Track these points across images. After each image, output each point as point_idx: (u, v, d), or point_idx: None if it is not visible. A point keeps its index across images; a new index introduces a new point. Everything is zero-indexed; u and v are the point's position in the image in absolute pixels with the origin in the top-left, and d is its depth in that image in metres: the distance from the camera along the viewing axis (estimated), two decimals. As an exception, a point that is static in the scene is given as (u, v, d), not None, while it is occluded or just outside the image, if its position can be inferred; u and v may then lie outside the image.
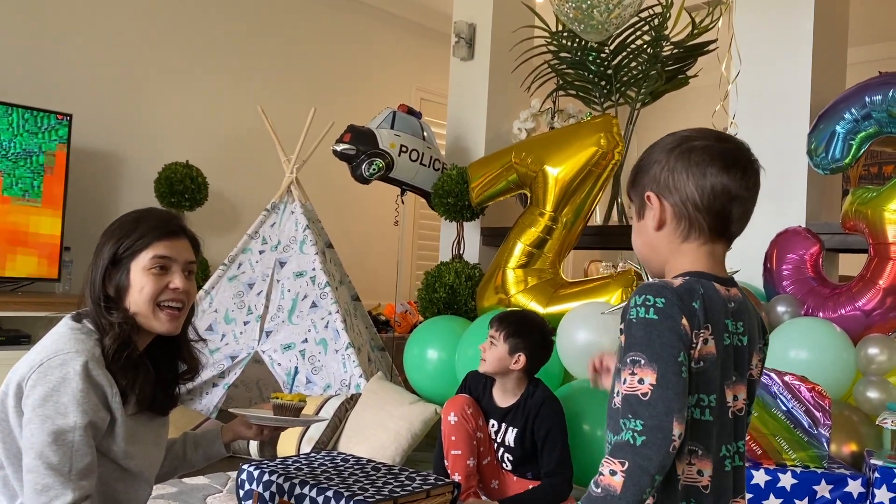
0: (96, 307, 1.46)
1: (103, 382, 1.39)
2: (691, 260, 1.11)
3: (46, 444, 1.31)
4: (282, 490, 1.92)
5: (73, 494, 1.31)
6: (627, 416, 0.99)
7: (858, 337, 2.36)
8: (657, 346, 1.00)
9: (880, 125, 2.55)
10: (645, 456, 0.96)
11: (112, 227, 1.53)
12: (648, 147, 1.17)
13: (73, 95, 4.04)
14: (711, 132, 1.14)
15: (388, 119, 3.79)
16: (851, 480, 1.79)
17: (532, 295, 3.29)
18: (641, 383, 0.99)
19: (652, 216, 1.13)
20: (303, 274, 3.56)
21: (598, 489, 0.99)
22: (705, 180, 1.08)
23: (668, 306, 1.02)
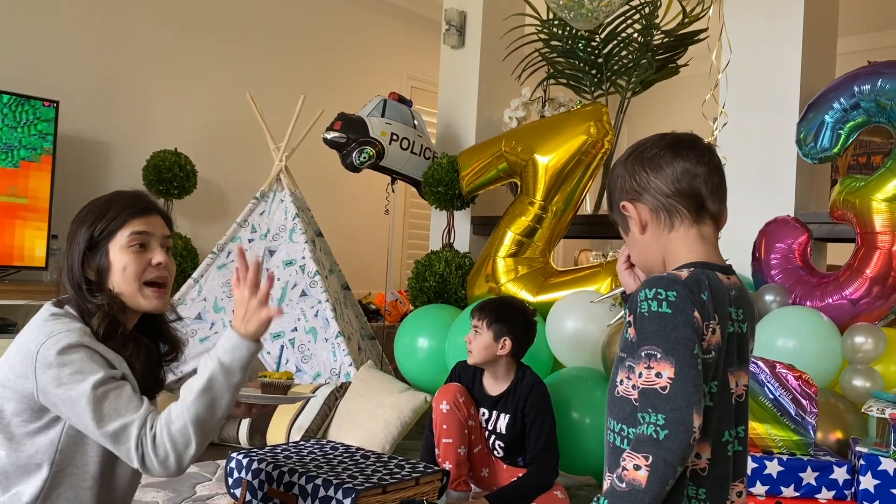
0: (77, 293, 1.44)
1: (107, 352, 1.39)
2: (685, 247, 1.14)
3: (86, 412, 1.31)
4: (270, 478, 1.92)
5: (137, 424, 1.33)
6: (647, 411, 1.01)
7: (845, 326, 2.37)
8: (672, 339, 1.02)
9: (869, 115, 2.56)
10: (669, 449, 0.99)
11: (82, 212, 1.51)
12: (611, 170, 1.24)
13: (60, 82, 4.00)
14: (655, 135, 1.20)
15: (378, 107, 3.77)
16: (837, 467, 1.81)
17: (522, 283, 3.30)
18: (659, 377, 1.01)
19: (634, 223, 1.17)
20: (292, 262, 3.55)
21: (623, 484, 1.00)
22: (664, 170, 1.14)
23: (681, 300, 1.04)
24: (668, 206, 1.14)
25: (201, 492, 2.47)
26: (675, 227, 1.14)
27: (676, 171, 1.13)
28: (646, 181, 1.14)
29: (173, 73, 4.50)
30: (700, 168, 1.14)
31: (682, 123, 3.98)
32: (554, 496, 2.21)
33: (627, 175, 1.17)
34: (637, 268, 1.25)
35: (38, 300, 3.55)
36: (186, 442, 1.34)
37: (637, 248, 1.20)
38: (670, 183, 1.13)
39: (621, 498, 1.00)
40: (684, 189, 1.13)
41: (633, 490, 0.99)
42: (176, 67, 4.51)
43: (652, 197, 1.14)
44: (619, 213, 1.19)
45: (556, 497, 2.21)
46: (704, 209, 1.14)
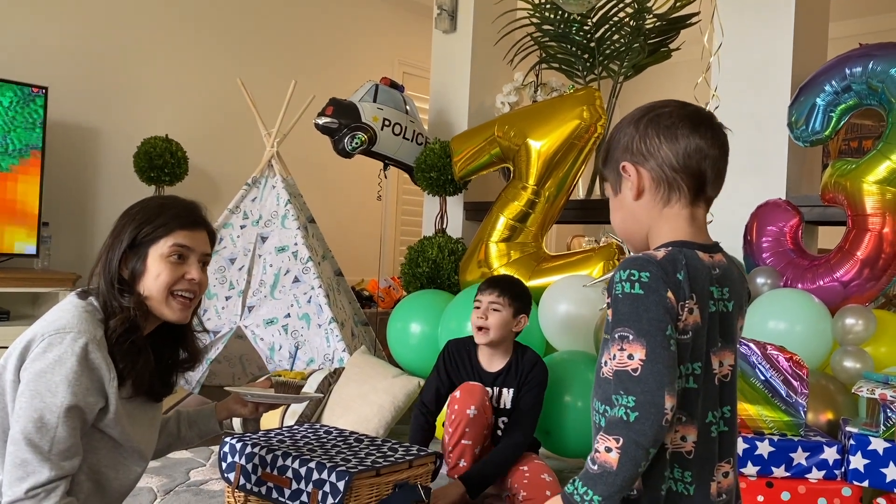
0: (109, 288, 1.45)
1: (101, 366, 1.38)
2: (673, 227, 1.11)
3: (31, 420, 1.31)
4: (264, 462, 1.93)
5: (49, 473, 1.30)
6: (619, 393, 1.01)
7: (836, 308, 2.39)
8: (644, 321, 1.01)
9: (860, 97, 2.56)
10: (639, 431, 0.98)
11: (134, 209, 1.52)
12: (614, 128, 1.17)
13: (49, 68, 3.97)
14: (674, 101, 1.15)
15: (370, 92, 3.76)
16: (827, 448, 1.82)
17: (515, 268, 3.30)
18: (631, 359, 1.00)
19: (630, 186, 1.12)
20: (285, 249, 3.54)
21: (595, 466, 1.01)
22: (678, 142, 1.09)
23: (653, 280, 1.02)
24: (670, 180, 1.10)
25: (195, 477, 2.47)
26: (671, 203, 1.11)
27: (690, 146, 1.09)
28: (656, 148, 1.10)
29: (164, 59, 4.46)
30: (713, 150, 1.11)
31: (675, 107, 3.97)
32: (542, 479, 2.22)
33: (638, 136, 1.11)
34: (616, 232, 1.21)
35: (29, 288, 3.55)
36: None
37: (623, 213, 1.16)
38: (681, 157, 1.09)
39: (593, 480, 1.00)
40: (693, 167, 1.10)
41: (604, 472, 0.99)
42: (166, 53, 4.47)
43: (658, 166, 1.10)
44: (616, 171, 1.14)
45: (544, 480, 2.22)
46: (703, 192, 1.12)
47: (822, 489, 1.81)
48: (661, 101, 1.14)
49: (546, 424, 2.51)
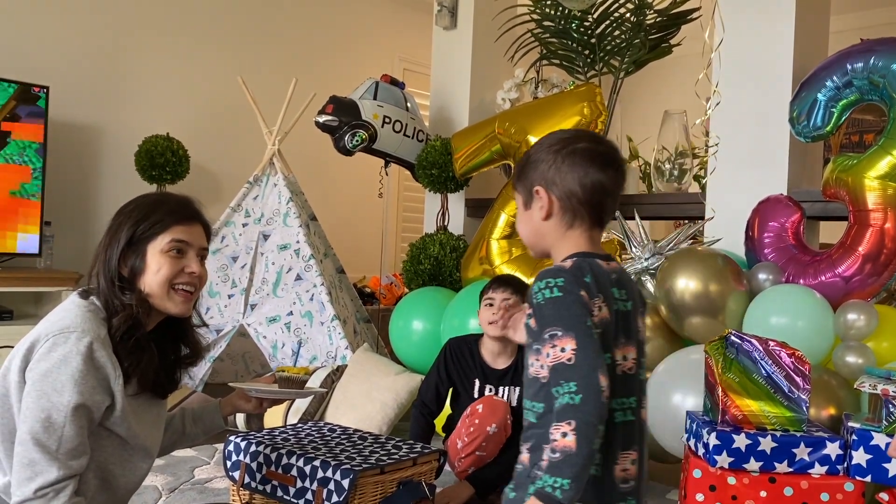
0: (110, 287, 1.45)
1: (106, 364, 1.38)
2: (575, 244, 1.26)
3: (38, 420, 1.31)
4: (269, 460, 1.94)
5: (58, 473, 1.31)
6: (560, 383, 1.11)
7: (838, 303, 2.39)
8: (567, 317, 1.14)
9: (861, 93, 2.56)
10: (586, 411, 1.08)
11: (128, 207, 1.52)
12: (534, 145, 1.30)
13: (50, 67, 3.97)
14: (590, 135, 1.30)
15: (370, 90, 3.76)
16: (830, 443, 1.83)
17: (516, 265, 3.31)
18: (563, 352, 1.12)
19: (539, 207, 1.26)
20: (287, 247, 3.55)
21: (557, 454, 1.08)
22: (587, 178, 1.23)
23: (568, 283, 1.16)
24: (575, 209, 1.24)
25: (200, 475, 2.48)
26: (574, 227, 1.25)
27: (596, 184, 1.23)
28: (567, 181, 1.23)
29: (165, 58, 4.46)
30: (615, 188, 1.26)
31: (676, 103, 4.00)
32: None
33: (554, 166, 1.24)
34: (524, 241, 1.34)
35: (32, 287, 3.56)
36: None
37: (530, 227, 1.29)
38: (587, 191, 1.23)
39: (559, 467, 1.07)
40: (595, 201, 1.24)
41: (566, 456, 1.07)
42: (167, 51, 4.47)
43: (566, 196, 1.24)
44: (529, 191, 1.28)
45: None
46: (602, 220, 1.27)
47: (824, 484, 1.82)
48: (578, 134, 1.29)
49: (549, 421, 2.52)
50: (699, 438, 1.91)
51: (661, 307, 2.56)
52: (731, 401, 1.87)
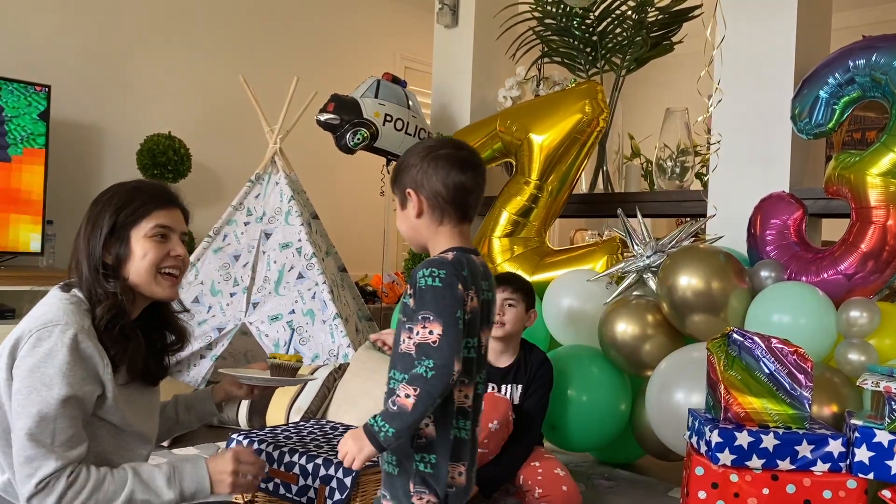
0: (94, 276, 1.45)
1: (93, 354, 1.38)
2: (448, 238, 1.45)
3: (30, 416, 1.32)
4: (271, 458, 1.94)
5: (56, 464, 1.32)
6: (421, 358, 1.32)
7: (840, 300, 2.38)
8: (441, 306, 1.33)
9: (864, 89, 2.55)
10: (433, 385, 1.30)
11: (105, 196, 1.52)
12: (405, 154, 1.49)
13: (51, 66, 3.97)
14: (452, 142, 1.50)
15: (372, 88, 3.75)
16: (832, 440, 1.82)
17: (518, 263, 3.31)
18: (431, 334, 1.32)
19: (412, 206, 1.45)
20: (289, 245, 3.55)
21: (395, 407, 1.31)
22: (449, 179, 1.42)
23: (448, 276, 1.35)
24: (442, 208, 1.44)
25: (202, 473, 2.48)
26: (444, 223, 1.45)
27: (458, 184, 1.42)
28: (433, 183, 1.42)
29: (166, 56, 4.46)
30: (476, 187, 1.46)
31: (678, 100, 3.99)
32: (556, 475, 2.23)
33: (421, 170, 1.43)
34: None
35: (34, 286, 3.56)
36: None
37: (407, 224, 1.48)
38: (450, 192, 1.42)
39: (392, 417, 1.31)
40: (459, 200, 1.44)
41: (401, 412, 1.30)
42: (169, 50, 4.48)
43: (433, 196, 1.43)
44: (402, 193, 1.47)
45: (558, 475, 2.23)
46: (467, 216, 1.47)
47: (827, 482, 1.81)
48: (442, 142, 1.49)
49: (551, 419, 2.52)
50: (701, 436, 1.91)
51: (662, 305, 2.56)
52: (734, 398, 1.87)
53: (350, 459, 1.34)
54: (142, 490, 1.39)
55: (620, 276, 2.80)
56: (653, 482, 2.66)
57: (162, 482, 1.42)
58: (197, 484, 1.46)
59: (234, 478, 1.49)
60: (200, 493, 1.46)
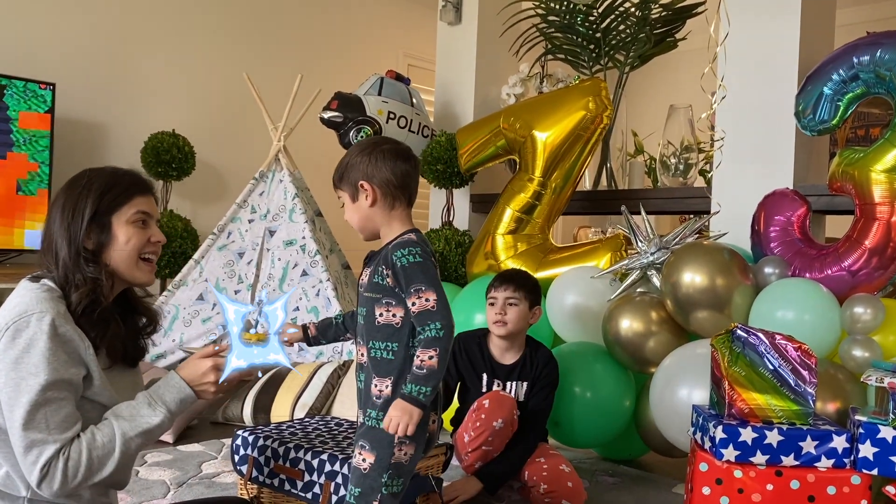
0: (74, 260, 1.44)
1: (73, 337, 1.38)
2: (402, 222, 1.65)
3: (22, 406, 1.32)
4: (277, 455, 1.95)
5: (55, 446, 1.33)
6: (427, 323, 1.51)
7: (844, 297, 2.38)
8: (429, 276, 1.54)
9: (868, 86, 2.55)
10: (447, 342, 1.51)
11: (82, 181, 1.51)
12: (346, 154, 1.67)
13: (56, 64, 3.98)
14: (387, 139, 1.70)
15: (375, 85, 3.76)
16: (836, 436, 1.83)
17: (522, 260, 3.31)
18: (428, 301, 1.52)
19: (365, 196, 1.63)
20: (293, 242, 3.55)
21: (424, 370, 1.49)
22: (397, 168, 1.63)
23: (424, 252, 1.57)
24: (393, 194, 1.63)
25: (207, 470, 2.49)
26: (395, 208, 1.64)
27: (404, 172, 1.63)
28: (383, 172, 1.61)
29: (170, 54, 4.47)
30: (415, 174, 1.67)
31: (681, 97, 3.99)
32: (561, 471, 2.23)
33: (370, 163, 1.62)
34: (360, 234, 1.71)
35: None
36: (101, 469, 1.37)
37: (359, 215, 1.65)
38: (400, 179, 1.62)
39: (425, 378, 1.49)
40: (404, 185, 1.64)
41: (430, 372, 1.49)
42: (173, 48, 4.48)
43: (385, 184, 1.62)
44: (354, 186, 1.63)
45: (563, 472, 2.23)
46: (411, 200, 1.67)
47: (831, 478, 1.82)
48: (378, 139, 1.68)
49: (555, 415, 2.52)
50: (705, 432, 1.92)
51: (667, 301, 2.56)
52: (738, 394, 1.87)
53: (404, 426, 1.47)
54: (130, 426, 1.40)
55: (624, 272, 2.80)
56: (657, 478, 2.66)
57: (145, 409, 1.42)
58: (178, 393, 1.46)
59: (215, 374, 1.48)
60: (187, 400, 1.46)
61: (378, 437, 1.56)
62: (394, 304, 1.58)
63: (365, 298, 1.63)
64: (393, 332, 1.58)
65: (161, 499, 2.21)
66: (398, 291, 1.57)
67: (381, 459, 1.56)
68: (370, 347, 1.61)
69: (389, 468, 1.56)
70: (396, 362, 1.57)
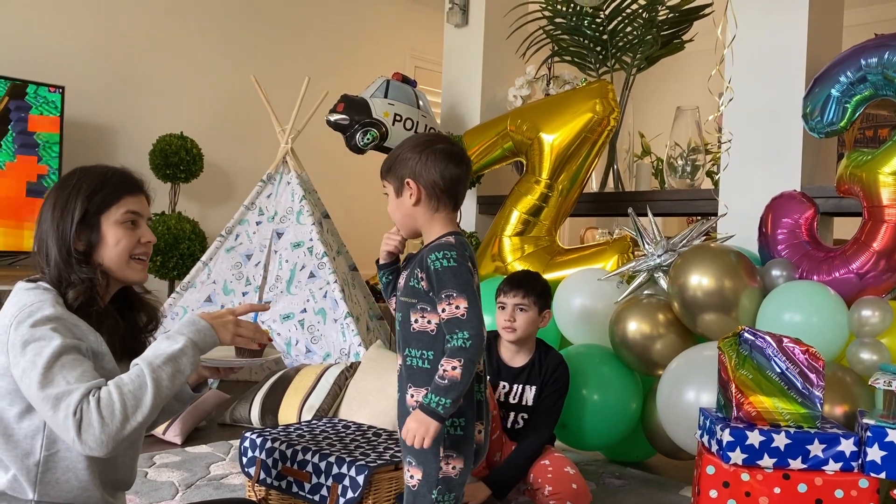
0: (65, 261, 1.44)
1: (77, 323, 1.39)
2: (444, 224, 1.57)
3: (38, 371, 1.30)
4: (284, 457, 1.95)
5: (80, 391, 1.29)
6: (455, 332, 1.44)
7: (852, 299, 2.38)
8: (461, 282, 1.46)
9: (876, 88, 2.54)
10: (473, 353, 1.43)
11: (73, 180, 1.50)
12: (399, 146, 1.60)
13: (65, 67, 4.01)
14: (444, 137, 1.63)
15: (381, 88, 3.77)
16: (844, 440, 1.82)
17: (529, 262, 3.31)
18: (458, 309, 1.45)
19: (409, 195, 1.55)
20: (300, 244, 3.57)
21: (445, 381, 1.42)
22: (447, 171, 1.54)
23: (460, 256, 1.49)
24: (439, 196, 1.55)
25: (215, 471, 2.50)
26: (440, 210, 1.56)
27: (453, 176, 1.55)
28: (431, 174, 1.54)
29: (178, 57, 4.49)
30: (466, 179, 1.60)
31: (688, 99, 3.98)
32: (566, 473, 2.23)
33: (420, 162, 1.54)
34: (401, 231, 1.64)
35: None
36: (137, 405, 1.30)
37: (402, 211, 1.58)
38: (446, 182, 1.54)
39: (446, 389, 1.41)
40: (452, 190, 1.56)
41: (452, 383, 1.41)
42: (180, 51, 4.50)
43: (431, 186, 1.54)
44: (401, 182, 1.56)
45: (568, 473, 2.23)
46: (458, 204, 1.60)
47: (838, 481, 1.81)
48: (435, 137, 1.61)
49: (562, 417, 2.52)
50: (712, 435, 1.92)
51: (674, 304, 2.56)
52: (745, 397, 1.87)
53: (420, 439, 1.41)
54: (154, 356, 1.36)
55: (631, 275, 2.80)
56: (664, 481, 2.66)
57: (164, 343, 1.40)
58: (193, 324, 1.43)
59: (235, 319, 1.48)
60: (204, 330, 1.43)
61: (422, 451, 1.46)
62: (428, 311, 1.50)
63: (402, 303, 1.57)
64: (429, 339, 1.50)
65: (169, 500, 2.22)
66: (432, 296, 1.49)
67: (429, 475, 1.49)
68: (406, 355, 1.54)
69: (439, 483, 1.49)
70: (433, 371, 1.47)
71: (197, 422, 2.97)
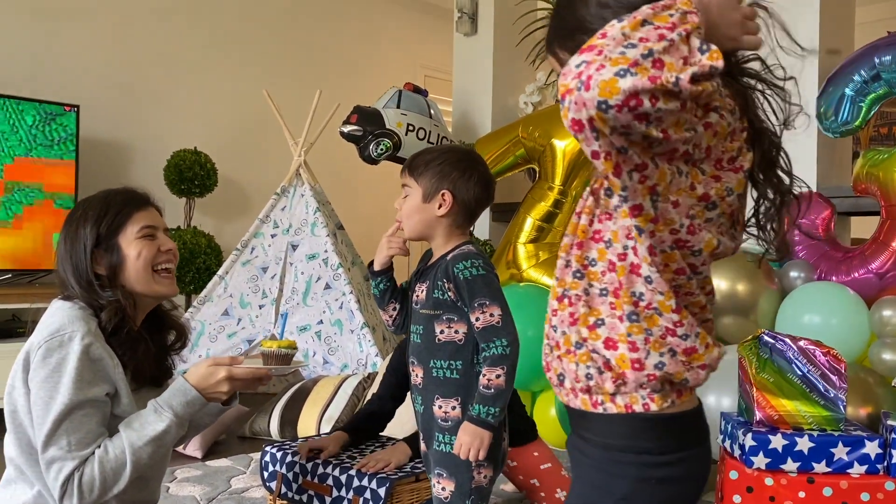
0: (88, 290, 1.46)
1: (103, 356, 1.41)
2: (459, 237, 1.59)
3: (48, 423, 1.35)
4: (305, 470, 1.96)
5: (73, 464, 1.35)
6: (492, 340, 1.45)
7: (872, 299, 2.36)
8: (493, 289, 1.48)
9: (890, 86, 2.53)
10: (514, 359, 1.46)
11: (78, 212, 1.53)
12: (440, 154, 1.59)
13: (79, 86, 4.05)
14: (481, 158, 1.68)
15: (394, 98, 3.78)
16: (868, 442, 1.80)
17: (544, 269, 3.31)
18: (492, 316, 1.46)
19: (439, 205, 1.55)
20: (315, 256, 3.58)
21: (491, 389, 1.44)
22: (481, 196, 1.58)
23: (486, 264, 1.51)
24: (465, 214, 1.58)
25: (236, 485, 2.51)
26: (462, 226, 1.59)
27: (481, 201, 1.59)
28: (470, 194, 1.56)
29: (190, 73, 4.53)
30: (487, 206, 1.63)
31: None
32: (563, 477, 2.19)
33: (462, 179, 1.56)
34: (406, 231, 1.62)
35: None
36: (116, 481, 1.38)
37: (423, 216, 1.57)
38: (476, 204, 1.58)
39: (493, 399, 1.43)
40: (478, 213, 1.61)
41: (498, 391, 1.43)
42: (193, 67, 4.54)
43: (464, 204, 1.56)
44: (434, 189, 1.55)
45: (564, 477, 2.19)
46: (473, 223, 1.64)
47: (864, 484, 1.79)
48: (475, 156, 1.66)
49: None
50: (735, 440, 1.90)
51: (691, 308, 2.55)
52: (767, 401, 1.86)
53: (476, 451, 1.42)
54: (138, 436, 1.41)
55: (647, 279, 2.78)
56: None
57: (151, 416, 1.43)
58: (183, 396, 1.45)
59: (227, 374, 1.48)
60: (193, 402, 1.45)
61: (454, 462, 1.47)
62: (455, 320, 1.50)
63: (422, 316, 1.54)
64: (456, 349, 1.50)
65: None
66: (461, 306, 1.49)
67: (462, 485, 1.48)
68: (430, 367, 1.53)
69: (471, 493, 1.48)
70: (463, 380, 1.49)
71: (217, 435, 2.98)
